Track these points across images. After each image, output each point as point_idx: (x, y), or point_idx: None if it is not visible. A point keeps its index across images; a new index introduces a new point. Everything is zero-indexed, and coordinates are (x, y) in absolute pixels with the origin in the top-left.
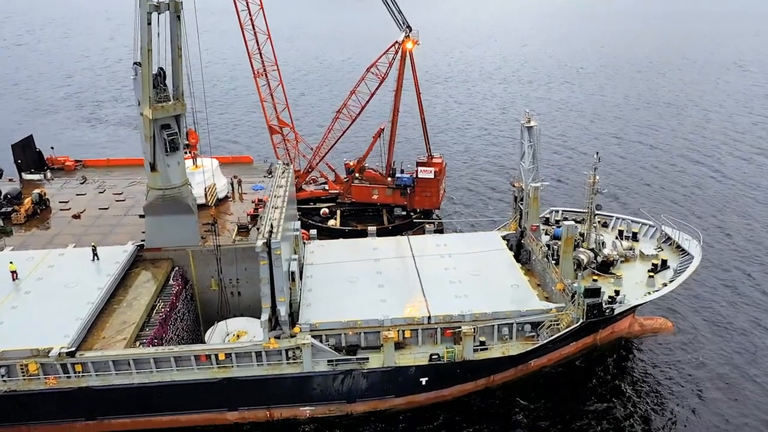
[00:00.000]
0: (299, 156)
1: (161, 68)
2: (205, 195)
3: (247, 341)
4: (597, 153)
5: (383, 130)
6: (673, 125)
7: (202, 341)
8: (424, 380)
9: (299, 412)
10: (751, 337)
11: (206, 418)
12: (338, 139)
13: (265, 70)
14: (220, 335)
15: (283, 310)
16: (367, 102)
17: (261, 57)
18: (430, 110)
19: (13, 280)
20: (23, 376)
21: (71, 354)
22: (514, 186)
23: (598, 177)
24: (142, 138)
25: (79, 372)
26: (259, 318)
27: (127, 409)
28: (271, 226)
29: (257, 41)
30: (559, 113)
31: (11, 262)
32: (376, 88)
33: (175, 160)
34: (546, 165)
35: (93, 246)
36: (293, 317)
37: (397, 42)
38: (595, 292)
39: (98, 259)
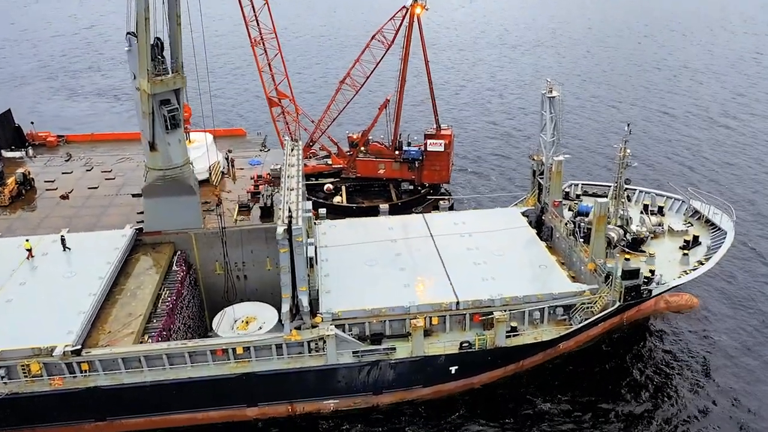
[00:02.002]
0: (300, 129)
1: (158, 38)
2: (210, 173)
3: (262, 331)
4: (628, 125)
5: (389, 100)
6: (685, 91)
7: (208, 328)
8: (453, 369)
9: (323, 405)
10: None
11: (224, 414)
12: (341, 111)
13: (262, 38)
14: (228, 322)
15: (305, 300)
16: (372, 71)
17: (258, 24)
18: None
19: (29, 258)
20: (25, 377)
21: (77, 352)
22: (533, 159)
23: (629, 150)
24: (138, 114)
25: (85, 371)
26: (267, 302)
27: (139, 408)
28: (290, 210)
29: (254, 8)
30: (561, 79)
31: (27, 240)
32: (382, 56)
33: (175, 137)
34: None
35: (62, 236)
36: (312, 305)
37: (404, 7)
38: (633, 274)
39: (69, 249)
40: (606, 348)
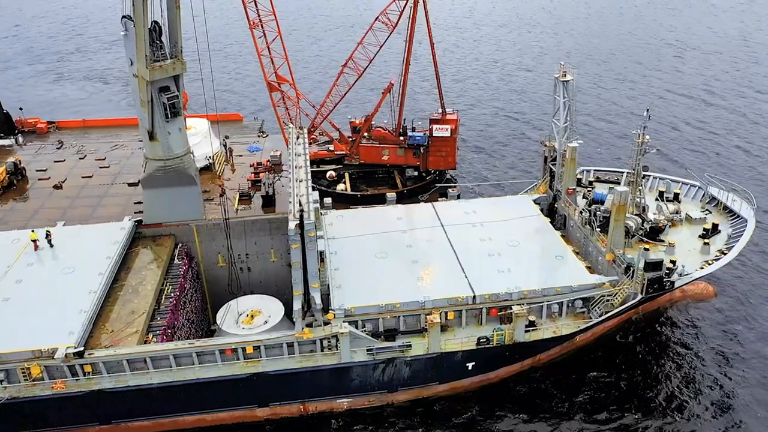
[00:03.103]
0: (300, 114)
1: (156, 22)
2: (212, 161)
3: (268, 325)
4: (647, 110)
5: (393, 84)
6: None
7: (211, 323)
8: (470, 365)
9: (336, 404)
10: None
11: (234, 416)
12: (344, 96)
13: (260, 20)
14: (233, 316)
15: (317, 297)
16: (376, 54)
17: (256, 5)
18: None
19: (35, 249)
20: (25, 380)
21: (79, 354)
22: (545, 145)
23: (647, 136)
24: (136, 102)
25: (88, 373)
26: (272, 295)
27: (145, 410)
28: (300, 204)
29: None
30: (561, 60)
31: (33, 231)
32: (386, 39)
33: (176, 126)
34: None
35: (47, 231)
36: (323, 301)
37: None
38: (656, 266)
39: (52, 246)
40: (621, 339)
